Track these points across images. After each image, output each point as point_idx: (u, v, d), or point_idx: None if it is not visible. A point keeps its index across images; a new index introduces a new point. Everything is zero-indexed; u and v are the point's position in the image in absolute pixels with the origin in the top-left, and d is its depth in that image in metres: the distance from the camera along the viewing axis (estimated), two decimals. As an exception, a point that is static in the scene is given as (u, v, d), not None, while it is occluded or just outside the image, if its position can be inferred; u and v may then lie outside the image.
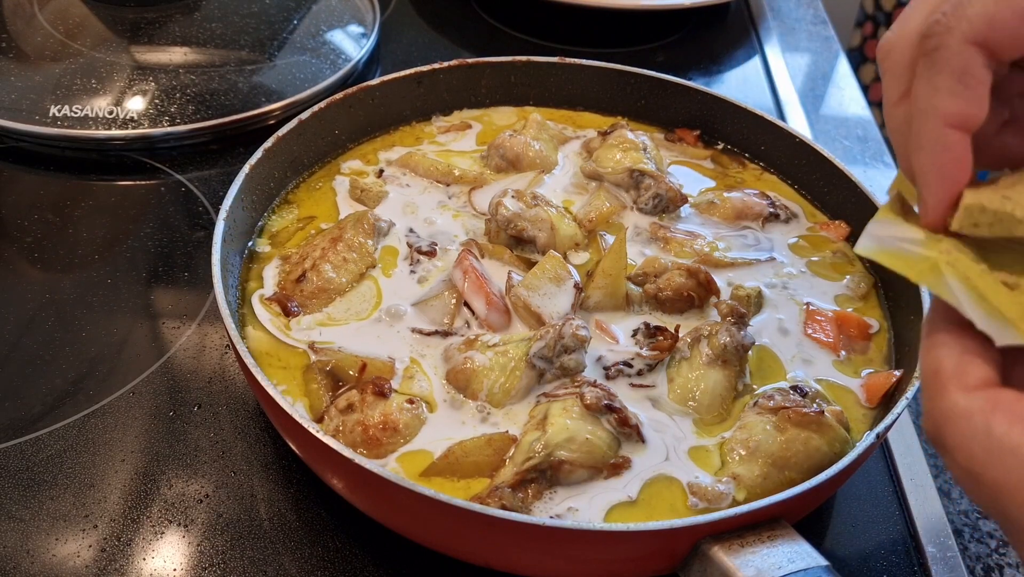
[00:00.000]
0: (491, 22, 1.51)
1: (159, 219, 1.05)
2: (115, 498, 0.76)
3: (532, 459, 0.69)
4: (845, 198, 0.96)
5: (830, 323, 0.85)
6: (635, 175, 0.96)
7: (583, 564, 0.66)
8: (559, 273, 0.83)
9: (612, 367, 0.79)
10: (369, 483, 0.64)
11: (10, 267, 0.98)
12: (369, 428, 0.72)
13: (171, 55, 1.24)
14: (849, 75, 1.50)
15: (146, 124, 1.13)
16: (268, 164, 0.91)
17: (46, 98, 1.14)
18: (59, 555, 0.72)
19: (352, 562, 0.73)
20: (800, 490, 0.64)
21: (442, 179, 0.99)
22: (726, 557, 0.61)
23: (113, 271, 0.98)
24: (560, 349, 0.76)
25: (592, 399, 0.72)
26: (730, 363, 0.78)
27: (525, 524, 0.61)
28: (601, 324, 0.83)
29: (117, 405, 0.84)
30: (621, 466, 0.72)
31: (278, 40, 1.29)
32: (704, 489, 0.70)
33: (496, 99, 1.11)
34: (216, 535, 0.74)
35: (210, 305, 0.94)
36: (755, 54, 1.49)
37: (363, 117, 1.03)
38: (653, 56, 1.44)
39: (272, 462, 0.80)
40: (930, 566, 0.76)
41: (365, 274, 0.87)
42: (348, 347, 0.80)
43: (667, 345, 0.79)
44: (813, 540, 0.62)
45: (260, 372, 0.69)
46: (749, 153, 1.07)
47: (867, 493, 0.82)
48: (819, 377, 0.81)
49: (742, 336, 0.78)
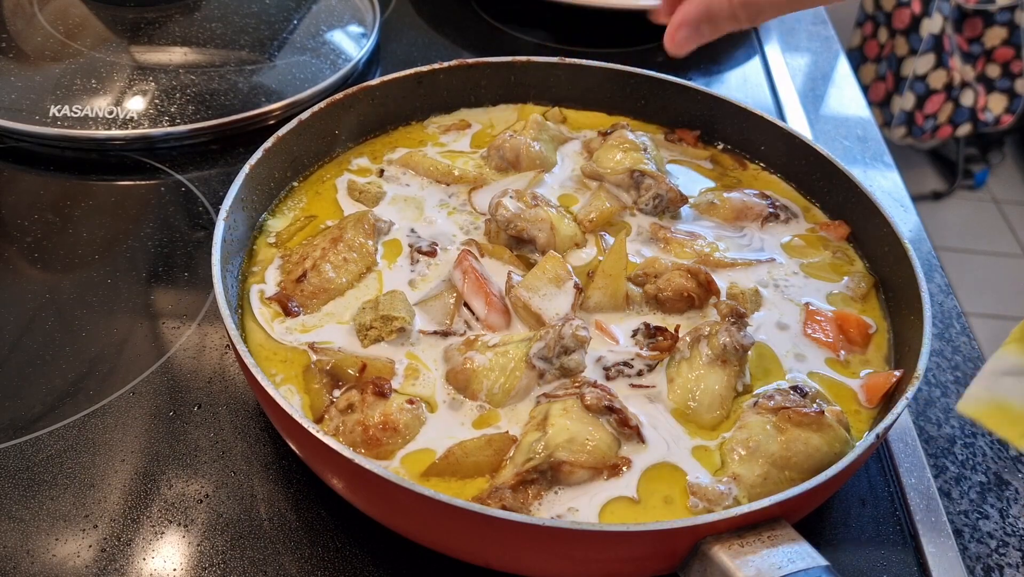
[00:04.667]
0: (491, 22, 1.51)
1: (159, 219, 1.05)
2: (115, 498, 0.76)
3: (532, 460, 0.69)
4: (845, 198, 0.96)
5: (830, 323, 0.85)
6: (635, 175, 0.96)
7: (583, 564, 0.66)
8: (559, 274, 0.83)
9: (612, 367, 0.79)
10: (369, 483, 0.64)
11: (10, 267, 0.98)
12: (369, 428, 0.72)
13: (171, 55, 1.24)
14: (849, 75, 1.50)
15: (146, 124, 1.13)
16: (268, 164, 0.91)
17: (46, 98, 1.14)
18: (59, 555, 0.72)
19: (352, 562, 0.73)
20: (800, 490, 0.64)
21: (442, 179, 0.99)
22: (726, 557, 0.61)
23: (113, 271, 0.98)
24: (560, 350, 0.76)
25: (592, 399, 0.72)
26: (730, 363, 0.78)
27: (525, 524, 0.61)
28: (601, 324, 0.83)
29: (117, 405, 0.84)
30: (621, 466, 0.72)
31: (278, 40, 1.29)
32: (704, 489, 0.70)
33: (496, 99, 1.11)
34: (216, 535, 0.74)
35: (210, 305, 0.94)
36: (755, 54, 1.49)
37: (363, 117, 1.03)
38: (653, 56, 1.44)
39: (272, 462, 0.80)
40: (930, 566, 0.76)
41: (365, 274, 0.87)
42: (348, 347, 0.80)
43: (667, 345, 0.79)
44: (813, 540, 0.62)
45: (260, 372, 0.69)
46: (749, 153, 1.07)
47: (867, 493, 0.82)
48: (812, 371, 0.81)
49: (742, 336, 0.78)
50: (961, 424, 0.92)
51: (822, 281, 0.91)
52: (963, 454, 0.89)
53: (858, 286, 0.90)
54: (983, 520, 0.83)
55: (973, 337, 1.02)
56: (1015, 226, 3.51)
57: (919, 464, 0.85)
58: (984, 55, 3.30)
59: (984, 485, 0.86)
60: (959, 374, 0.97)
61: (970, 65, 3.32)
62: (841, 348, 0.84)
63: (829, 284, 0.91)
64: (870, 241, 0.93)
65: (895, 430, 0.88)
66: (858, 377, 0.81)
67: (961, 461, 0.88)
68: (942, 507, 0.81)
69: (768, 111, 1.17)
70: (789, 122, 1.28)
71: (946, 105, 3.34)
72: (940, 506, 0.81)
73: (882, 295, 0.90)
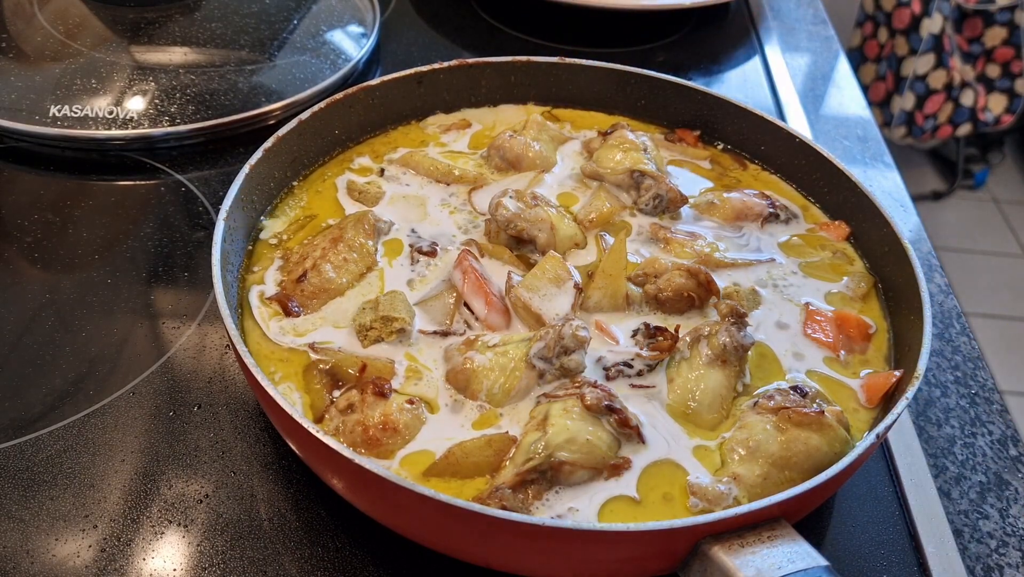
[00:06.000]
0: (491, 22, 1.51)
1: (159, 219, 1.05)
2: (115, 498, 0.76)
3: (532, 460, 0.69)
4: (845, 198, 0.96)
5: (830, 323, 0.85)
6: (636, 175, 0.96)
7: (583, 564, 0.66)
8: (559, 274, 0.83)
9: (612, 368, 0.79)
10: (369, 483, 0.64)
11: (10, 267, 0.98)
12: (369, 428, 0.72)
13: (171, 55, 1.24)
14: (849, 75, 1.50)
15: (146, 124, 1.13)
16: (268, 164, 0.91)
17: (46, 98, 1.14)
18: (59, 555, 0.72)
19: (352, 562, 0.73)
20: (800, 490, 0.64)
21: (442, 179, 0.99)
22: (726, 557, 0.61)
23: (113, 271, 0.98)
24: (560, 350, 0.76)
25: (592, 400, 0.72)
26: (730, 363, 0.78)
27: (525, 524, 0.61)
28: (601, 324, 0.83)
29: (117, 405, 0.84)
30: (621, 467, 0.72)
31: (278, 40, 1.30)
32: (704, 489, 0.70)
33: (496, 99, 1.11)
34: (216, 535, 0.74)
35: (210, 305, 0.94)
36: (755, 54, 1.49)
37: (363, 117, 1.03)
38: (653, 56, 1.44)
39: (272, 462, 0.80)
40: (930, 566, 0.76)
41: (365, 274, 0.87)
42: (348, 347, 0.80)
43: (667, 346, 0.79)
44: (813, 540, 0.62)
45: (260, 372, 0.69)
46: (749, 153, 1.07)
47: (867, 493, 0.82)
48: (812, 370, 0.81)
49: (742, 336, 0.78)
50: (961, 424, 0.92)
51: (821, 281, 0.91)
52: (963, 454, 0.89)
53: (858, 286, 0.90)
54: (983, 520, 0.83)
55: (973, 337, 1.02)
56: (1015, 226, 3.51)
57: (919, 464, 0.85)
58: (984, 55, 3.30)
59: (984, 485, 0.86)
60: (959, 374, 0.97)
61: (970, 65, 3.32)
62: (841, 348, 0.84)
63: (829, 284, 0.91)
64: (870, 241, 0.93)
65: (895, 430, 0.88)
66: (858, 377, 0.81)
67: (961, 461, 0.88)
68: (942, 507, 0.81)
69: (768, 111, 1.17)
70: (789, 122, 1.28)
71: (946, 105, 3.34)
72: (940, 506, 0.81)
73: (882, 295, 0.90)
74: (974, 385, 0.96)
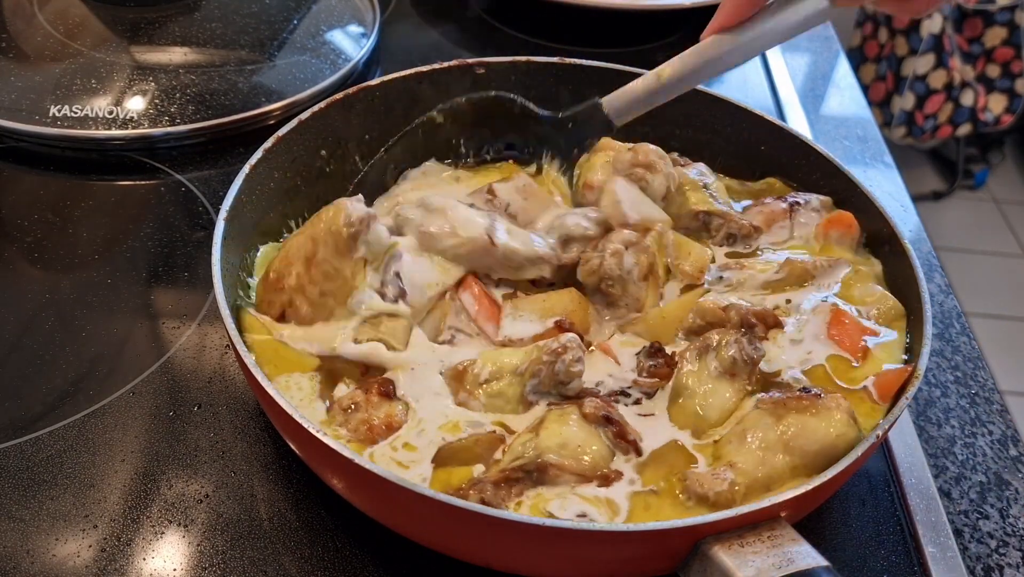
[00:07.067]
0: (491, 22, 1.51)
1: (159, 219, 1.05)
2: (115, 498, 0.76)
3: (519, 460, 0.69)
4: (845, 198, 0.96)
5: (854, 329, 0.82)
6: (702, 216, 0.94)
7: (583, 564, 0.66)
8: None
9: (609, 396, 0.77)
10: (369, 483, 0.64)
11: (10, 267, 0.98)
12: (372, 428, 0.72)
13: (171, 55, 1.24)
14: (849, 75, 1.50)
15: (146, 124, 1.13)
16: (268, 164, 0.91)
17: (46, 98, 1.14)
18: (59, 555, 0.72)
19: (352, 562, 0.73)
20: (800, 490, 0.64)
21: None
22: (726, 557, 0.61)
23: (113, 271, 0.98)
24: (554, 383, 0.75)
25: (591, 409, 0.72)
26: (739, 376, 0.76)
27: (525, 524, 0.61)
28: (604, 345, 0.82)
29: (117, 405, 0.84)
30: (612, 478, 0.70)
31: (278, 40, 1.30)
32: (699, 475, 0.69)
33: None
34: (216, 535, 0.74)
35: (210, 305, 0.94)
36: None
37: (363, 117, 1.03)
38: (653, 56, 1.44)
39: (272, 462, 0.80)
40: (930, 566, 0.76)
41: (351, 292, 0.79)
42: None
43: (665, 373, 0.78)
44: (813, 540, 0.62)
45: (260, 372, 0.69)
46: (749, 153, 1.07)
47: (867, 493, 0.82)
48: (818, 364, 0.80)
49: (752, 348, 0.75)
50: (961, 424, 0.92)
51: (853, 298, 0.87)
52: (963, 454, 0.89)
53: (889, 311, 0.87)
54: (983, 520, 0.83)
55: (973, 337, 1.02)
56: (1015, 226, 3.52)
57: (919, 464, 0.85)
58: (984, 55, 3.30)
59: (984, 485, 0.86)
60: (959, 374, 0.97)
61: (970, 65, 3.33)
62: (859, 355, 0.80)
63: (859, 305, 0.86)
64: (870, 241, 0.93)
65: (895, 430, 0.87)
66: (867, 377, 0.79)
67: (961, 461, 0.88)
68: (942, 507, 0.81)
69: (768, 111, 1.17)
70: (789, 122, 1.28)
71: (946, 105, 3.34)
72: (940, 506, 0.81)
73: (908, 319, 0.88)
74: (974, 385, 0.96)
